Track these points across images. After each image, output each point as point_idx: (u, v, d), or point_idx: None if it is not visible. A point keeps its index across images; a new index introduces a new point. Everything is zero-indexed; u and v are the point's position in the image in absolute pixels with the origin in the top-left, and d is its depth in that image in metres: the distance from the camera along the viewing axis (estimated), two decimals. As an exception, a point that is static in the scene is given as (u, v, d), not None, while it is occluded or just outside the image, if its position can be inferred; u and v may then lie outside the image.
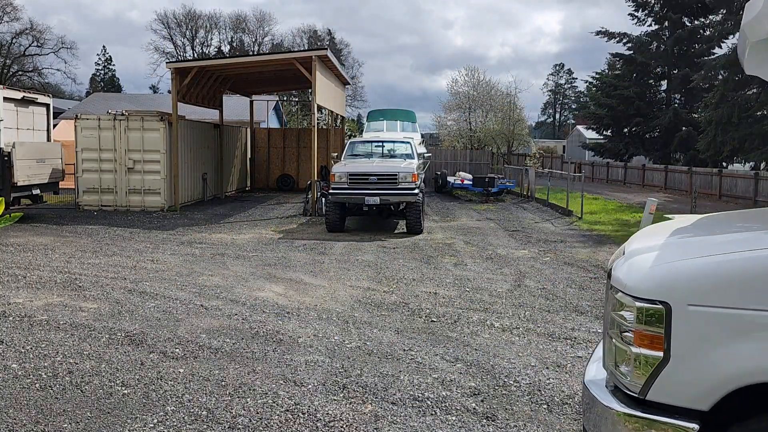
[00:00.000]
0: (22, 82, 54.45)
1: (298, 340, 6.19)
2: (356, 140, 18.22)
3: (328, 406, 4.63)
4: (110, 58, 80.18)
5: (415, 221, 14.01)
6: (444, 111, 41.67)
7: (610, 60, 42.83)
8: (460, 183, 24.73)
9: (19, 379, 5.07)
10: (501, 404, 4.72)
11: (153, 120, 17.97)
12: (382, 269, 10.01)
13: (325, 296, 8.14)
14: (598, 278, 9.48)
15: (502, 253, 11.71)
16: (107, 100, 37.78)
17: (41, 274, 9.18)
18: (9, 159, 14.47)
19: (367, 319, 7.02)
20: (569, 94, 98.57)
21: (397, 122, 27.66)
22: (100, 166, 17.89)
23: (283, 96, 51.29)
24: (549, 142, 66.55)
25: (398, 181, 13.79)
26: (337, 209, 14.15)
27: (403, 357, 5.75)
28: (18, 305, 7.39)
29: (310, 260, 10.71)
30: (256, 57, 26.85)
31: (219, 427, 4.27)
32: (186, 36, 69.10)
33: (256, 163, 28.00)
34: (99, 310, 7.25)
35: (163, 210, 17.91)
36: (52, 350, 5.79)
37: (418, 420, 4.42)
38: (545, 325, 6.93)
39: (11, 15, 54.36)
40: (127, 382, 5.05)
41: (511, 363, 5.63)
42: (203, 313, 7.16)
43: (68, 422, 4.32)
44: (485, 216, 18.08)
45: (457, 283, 9.04)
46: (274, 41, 69.91)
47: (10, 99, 15.58)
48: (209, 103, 22.73)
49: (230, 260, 10.61)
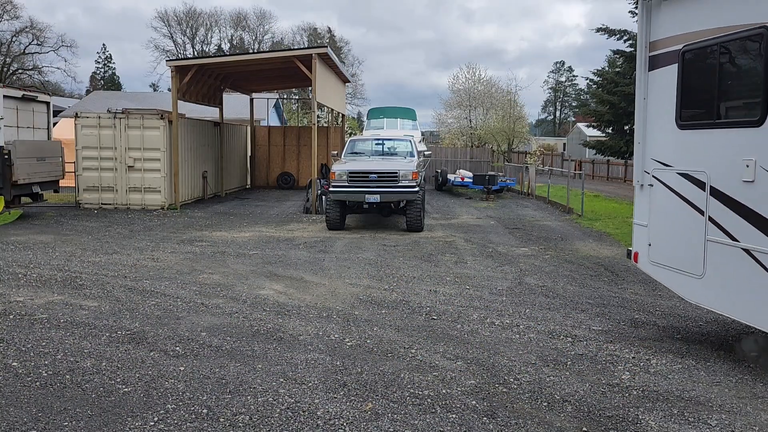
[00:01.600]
0: (22, 81, 54.44)
1: (299, 338, 6.19)
2: (356, 138, 18.20)
3: (329, 404, 4.63)
4: (110, 56, 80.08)
5: (416, 219, 14.01)
6: (444, 108, 41.69)
7: (610, 57, 42.81)
8: (460, 181, 24.71)
9: (20, 378, 5.07)
10: (501, 402, 4.72)
11: (153, 118, 17.96)
12: (383, 267, 10.00)
13: (325, 294, 8.14)
14: (598, 275, 9.48)
15: (503, 251, 11.71)
16: (107, 99, 37.72)
17: (41, 272, 9.18)
18: (9, 157, 14.46)
19: (367, 317, 7.02)
20: (570, 91, 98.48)
21: (398, 120, 27.67)
22: (100, 165, 17.89)
23: (283, 94, 51.26)
24: (549, 140, 66.52)
25: (398, 179, 13.77)
26: (337, 207, 14.14)
27: (404, 355, 5.75)
28: (18, 303, 7.40)
29: (311, 258, 10.71)
30: (256, 55, 26.81)
31: (219, 425, 4.27)
32: (186, 34, 69.05)
33: (257, 161, 27.99)
34: (99, 308, 7.25)
35: (163, 208, 17.91)
36: (52, 348, 5.79)
37: (419, 418, 4.42)
38: (545, 322, 6.93)
39: (11, 13, 54.34)
40: (128, 380, 5.05)
41: (511, 361, 5.63)
42: (204, 311, 7.16)
43: (69, 420, 4.32)
44: (486, 214, 18.07)
45: (458, 281, 9.04)
46: (274, 39, 69.91)
47: (10, 97, 15.57)
48: (209, 101, 22.71)
49: (230, 258, 10.61)
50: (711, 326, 6.94)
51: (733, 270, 5.30)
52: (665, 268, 6.19)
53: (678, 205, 5.93)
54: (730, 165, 5.28)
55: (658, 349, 6.05)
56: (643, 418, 4.48)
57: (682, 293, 6.06)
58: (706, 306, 5.84)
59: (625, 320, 7.10)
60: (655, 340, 6.34)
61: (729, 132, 5.36)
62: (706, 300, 5.74)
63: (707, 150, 5.58)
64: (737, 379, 5.27)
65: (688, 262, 5.82)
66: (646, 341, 6.30)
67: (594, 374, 5.33)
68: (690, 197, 5.78)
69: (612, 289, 8.67)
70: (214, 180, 22.59)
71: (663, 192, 6.17)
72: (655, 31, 6.27)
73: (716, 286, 5.52)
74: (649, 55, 6.36)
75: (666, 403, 4.74)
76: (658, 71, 6.26)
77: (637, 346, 6.11)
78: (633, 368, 5.49)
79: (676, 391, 4.97)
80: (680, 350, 6.02)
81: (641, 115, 6.52)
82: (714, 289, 5.55)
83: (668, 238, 6.14)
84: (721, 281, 5.47)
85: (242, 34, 70.88)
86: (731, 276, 5.34)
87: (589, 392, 4.93)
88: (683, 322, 7.06)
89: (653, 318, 7.24)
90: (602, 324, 6.92)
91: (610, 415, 4.52)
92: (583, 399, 4.79)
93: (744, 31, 5.08)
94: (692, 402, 4.78)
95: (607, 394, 4.91)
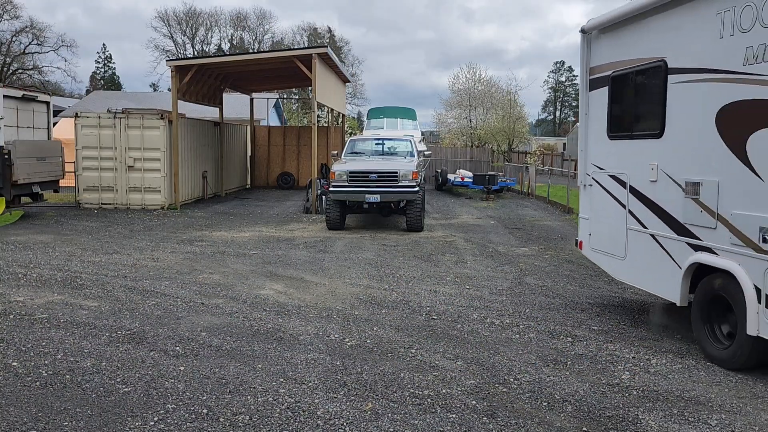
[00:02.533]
0: (22, 81, 54.41)
1: (299, 338, 6.19)
2: (356, 138, 18.20)
3: (329, 404, 4.63)
4: (110, 56, 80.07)
5: (416, 219, 14.01)
6: (445, 108, 41.69)
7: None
8: (460, 180, 24.72)
9: (20, 377, 5.07)
10: (501, 402, 4.72)
11: (153, 118, 17.96)
12: (383, 267, 10.01)
13: (325, 294, 8.14)
14: (598, 275, 9.47)
15: (503, 251, 11.71)
16: (107, 98, 37.70)
17: (41, 272, 9.18)
18: (9, 157, 14.47)
19: (367, 317, 7.02)
20: (570, 91, 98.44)
21: (398, 120, 27.67)
22: (100, 164, 17.89)
23: (283, 94, 51.25)
24: (549, 140, 66.53)
25: (398, 179, 13.77)
26: (337, 207, 14.14)
27: (404, 355, 5.75)
28: (18, 303, 7.40)
29: (311, 258, 10.71)
30: (256, 55, 26.80)
31: (219, 425, 4.27)
32: (186, 34, 69.03)
33: (257, 161, 27.99)
34: (99, 308, 7.26)
35: (163, 208, 17.91)
36: (52, 348, 5.79)
37: (419, 418, 4.42)
38: (545, 322, 6.93)
39: (11, 13, 54.31)
40: (128, 380, 5.05)
41: (511, 361, 5.63)
42: (203, 311, 7.16)
43: (69, 420, 4.32)
44: (485, 213, 18.07)
45: (458, 281, 9.04)
46: (274, 39, 69.87)
47: (11, 97, 15.57)
48: (209, 101, 22.71)
49: (230, 258, 10.61)
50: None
51: (644, 252, 6.56)
52: (601, 253, 7.47)
53: (609, 201, 7.22)
54: (641, 168, 6.54)
55: (658, 349, 6.05)
56: (643, 418, 4.48)
57: (612, 273, 7.36)
58: (627, 282, 7.16)
59: (625, 320, 7.10)
60: (655, 340, 6.34)
61: (640, 142, 6.62)
62: (627, 277, 7.03)
63: (627, 156, 6.87)
64: (737, 379, 5.27)
65: (615, 246, 7.09)
66: (646, 341, 6.30)
67: (594, 374, 5.33)
68: (616, 194, 7.05)
69: (612, 289, 8.67)
70: (214, 180, 22.59)
71: (599, 190, 7.46)
72: (594, 58, 7.51)
73: (633, 266, 6.78)
74: (589, 78, 7.58)
75: (666, 403, 4.74)
76: (595, 92, 7.49)
77: (637, 346, 6.11)
78: (633, 368, 5.49)
79: (676, 391, 4.97)
80: (680, 350, 6.02)
81: (584, 128, 7.78)
82: (632, 268, 6.82)
83: (602, 228, 7.42)
84: (636, 261, 6.73)
85: (242, 34, 70.89)
86: (643, 257, 6.60)
87: (589, 392, 4.93)
88: (683, 321, 7.06)
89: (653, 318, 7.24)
90: (602, 324, 6.92)
91: (610, 414, 4.52)
92: (583, 399, 4.79)
93: (650, 62, 6.43)
94: (692, 402, 4.78)
95: (607, 394, 4.91)
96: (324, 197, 16.10)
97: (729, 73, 5.37)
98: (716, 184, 5.48)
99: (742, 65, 5.22)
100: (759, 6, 5.04)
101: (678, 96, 6.00)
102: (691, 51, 5.84)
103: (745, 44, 5.17)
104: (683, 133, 5.96)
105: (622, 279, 7.15)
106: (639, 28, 6.63)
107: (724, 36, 5.42)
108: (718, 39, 5.47)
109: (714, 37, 5.52)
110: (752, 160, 5.12)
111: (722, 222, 5.43)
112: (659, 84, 6.23)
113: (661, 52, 6.23)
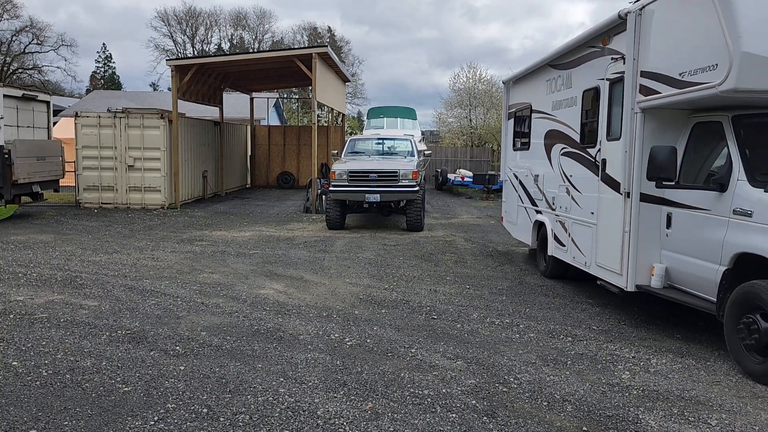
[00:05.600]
0: (22, 80, 54.39)
1: (299, 338, 6.19)
2: (356, 137, 18.21)
3: (329, 404, 4.63)
4: (110, 55, 79.83)
5: (416, 218, 14.01)
6: (445, 108, 41.66)
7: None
8: (460, 180, 24.72)
9: (20, 377, 5.07)
10: (501, 401, 4.72)
11: (153, 117, 17.97)
12: (383, 266, 10.01)
13: (325, 294, 8.15)
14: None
15: (503, 250, 11.71)
16: (107, 98, 37.71)
17: (41, 271, 9.18)
18: (9, 157, 14.47)
19: (367, 317, 7.02)
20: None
21: (398, 119, 27.68)
22: (101, 164, 17.90)
23: (284, 93, 51.25)
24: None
25: (399, 179, 13.78)
26: (337, 207, 14.14)
27: (404, 354, 5.75)
28: (18, 303, 7.40)
29: (311, 258, 10.72)
30: (256, 54, 26.79)
31: (219, 425, 4.27)
32: (186, 33, 68.92)
33: (257, 161, 28.00)
34: (99, 307, 7.26)
35: (163, 208, 17.91)
36: (52, 348, 5.79)
37: (419, 417, 4.42)
38: (545, 322, 6.93)
39: (11, 12, 54.28)
40: (128, 379, 5.05)
41: (511, 360, 5.63)
42: (204, 311, 7.17)
43: (69, 420, 4.32)
44: (486, 213, 18.07)
45: (458, 280, 9.04)
46: (274, 38, 69.78)
47: (11, 97, 15.56)
48: (209, 100, 22.72)
49: (231, 258, 10.61)
50: (711, 326, 6.94)
51: (523, 218, 10.52)
52: (509, 224, 11.54)
53: (512, 190, 11.30)
54: (523, 169, 10.52)
55: (658, 348, 6.05)
56: (643, 417, 4.48)
57: (513, 235, 11.39)
58: (518, 238, 11.11)
59: (625, 320, 7.11)
60: (655, 340, 6.34)
61: (522, 153, 10.73)
62: (518, 235, 11.02)
63: (519, 162, 10.83)
64: (737, 379, 5.27)
65: (514, 217, 11.09)
66: (646, 341, 6.30)
67: (594, 374, 5.33)
68: (515, 185, 10.99)
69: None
70: (214, 179, 22.60)
71: (509, 183, 11.49)
72: (510, 98, 11.69)
73: (520, 227, 10.77)
74: (507, 111, 11.76)
75: (666, 403, 4.74)
76: (509, 121, 11.69)
77: (637, 346, 6.11)
78: (633, 368, 5.49)
79: (676, 391, 4.97)
80: (680, 350, 6.03)
81: (504, 143, 12.09)
82: (520, 229, 10.79)
83: (510, 207, 11.41)
84: (520, 225, 10.70)
85: (242, 33, 70.81)
86: (523, 221, 10.54)
87: (589, 392, 4.93)
88: (683, 322, 7.06)
89: (653, 317, 7.24)
90: (602, 324, 6.92)
91: (610, 414, 4.52)
92: (583, 398, 4.79)
93: (526, 106, 10.48)
94: (692, 402, 4.78)
95: (607, 393, 4.91)
96: (324, 197, 16.10)
97: (549, 114, 9.29)
98: (543, 176, 9.49)
99: (551, 110, 9.17)
100: (557, 82, 8.98)
101: (534, 126, 9.99)
102: (539, 100, 9.80)
103: (553, 99, 9.13)
104: (535, 147, 9.88)
105: (516, 237, 11.17)
106: (524, 85, 10.82)
107: (548, 94, 9.35)
108: (545, 95, 9.46)
109: (545, 94, 9.46)
110: (552, 161, 9.10)
111: (544, 196, 9.43)
112: (528, 118, 10.24)
113: (530, 100, 10.30)
